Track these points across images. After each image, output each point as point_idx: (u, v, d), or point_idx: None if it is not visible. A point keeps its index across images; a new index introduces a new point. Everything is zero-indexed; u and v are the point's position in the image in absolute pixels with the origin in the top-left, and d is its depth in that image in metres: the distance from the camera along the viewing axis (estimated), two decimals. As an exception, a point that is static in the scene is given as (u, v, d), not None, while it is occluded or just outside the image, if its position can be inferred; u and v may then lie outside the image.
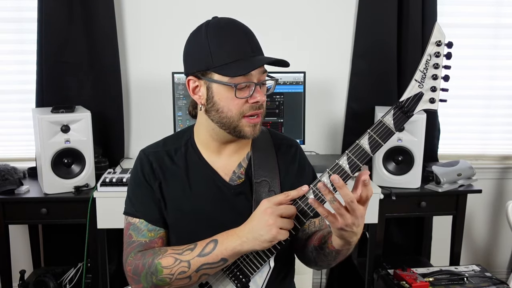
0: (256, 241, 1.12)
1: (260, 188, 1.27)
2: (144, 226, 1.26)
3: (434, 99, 1.14)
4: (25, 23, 2.58)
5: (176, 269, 1.17)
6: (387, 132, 1.13)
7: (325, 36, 2.69)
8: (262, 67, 1.18)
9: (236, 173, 1.30)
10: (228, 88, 1.16)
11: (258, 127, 1.22)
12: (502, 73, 2.87)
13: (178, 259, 1.17)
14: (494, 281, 2.29)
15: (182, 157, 1.30)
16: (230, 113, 1.19)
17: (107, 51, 2.54)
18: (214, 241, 1.17)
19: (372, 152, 1.13)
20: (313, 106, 2.65)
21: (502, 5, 2.80)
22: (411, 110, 1.14)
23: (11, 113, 2.71)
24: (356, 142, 1.14)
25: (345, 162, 1.14)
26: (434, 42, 1.13)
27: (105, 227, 2.21)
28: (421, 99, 1.13)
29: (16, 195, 2.27)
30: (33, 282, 2.37)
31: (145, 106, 2.69)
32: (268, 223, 1.11)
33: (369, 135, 1.13)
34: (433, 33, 1.12)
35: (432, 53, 1.13)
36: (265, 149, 1.33)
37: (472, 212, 2.93)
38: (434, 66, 1.13)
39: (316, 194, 1.15)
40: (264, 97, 1.20)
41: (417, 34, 2.60)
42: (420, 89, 1.14)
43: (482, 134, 2.97)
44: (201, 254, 1.16)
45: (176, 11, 2.60)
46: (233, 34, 1.18)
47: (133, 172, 1.32)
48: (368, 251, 2.44)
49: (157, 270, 1.18)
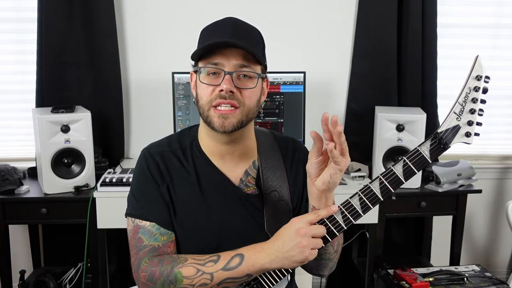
0: (286, 261, 1.10)
1: (270, 199, 1.26)
2: (156, 230, 1.21)
3: (470, 134, 1.17)
4: (25, 23, 2.57)
5: (197, 280, 1.13)
6: (422, 161, 1.14)
7: (325, 36, 2.69)
8: (240, 59, 1.15)
9: (243, 181, 1.27)
10: (200, 74, 1.18)
11: (229, 121, 1.16)
12: (502, 73, 2.87)
13: (201, 271, 1.13)
14: (494, 281, 2.29)
15: (190, 159, 1.26)
16: (202, 101, 1.19)
17: (107, 51, 2.53)
18: (240, 255, 1.13)
19: (404, 179, 1.13)
20: (313, 106, 2.65)
21: (502, 5, 2.80)
22: (448, 142, 1.16)
23: (11, 113, 2.70)
24: (390, 167, 1.14)
25: (377, 187, 1.13)
26: (475, 77, 1.13)
27: (105, 227, 2.21)
28: (458, 132, 1.16)
29: (16, 195, 2.27)
30: (33, 282, 2.37)
31: (145, 106, 2.69)
32: (302, 244, 1.08)
33: (404, 162, 1.14)
34: (474, 67, 1.13)
35: (472, 87, 1.13)
36: (272, 156, 1.31)
37: (472, 212, 2.93)
38: (472, 100, 1.14)
39: (344, 215, 1.13)
40: (229, 86, 1.14)
41: (417, 34, 2.59)
42: (458, 121, 1.16)
43: (482, 134, 2.93)
44: (226, 268, 1.12)
45: (176, 11, 2.60)
46: (218, 26, 1.19)
47: (139, 171, 1.26)
48: (368, 251, 2.44)
49: (176, 280, 1.14)
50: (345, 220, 1.13)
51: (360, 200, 1.13)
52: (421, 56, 2.63)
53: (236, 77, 1.16)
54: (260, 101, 1.24)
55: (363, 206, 1.13)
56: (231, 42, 1.14)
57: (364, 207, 1.13)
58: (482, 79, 1.13)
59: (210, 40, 1.15)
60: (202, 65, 1.18)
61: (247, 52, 1.15)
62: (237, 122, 1.17)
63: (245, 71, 1.17)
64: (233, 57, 1.15)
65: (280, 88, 2.44)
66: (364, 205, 1.13)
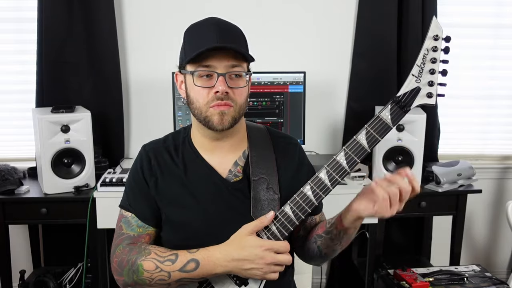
0: (244, 273, 1.16)
1: (258, 186, 1.28)
2: (134, 222, 1.30)
3: (432, 94, 1.13)
4: (25, 23, 2.57)
5: (156, 275, 1.19)
6: (384, 127, 1.14)
7: (325, 36, 2.69)
8: (231, 60, 1.19)
9: (232, 172, 1.30)
10: (194, 77, 1.21)
11: (226, 118, 1.21)
12: (502, 73, 2.87)
13: (159, 268, 1.18)
14: (494, 281, 2.29)
15: (180, 154, 1.31)
16: (198, 103, 1.22)
17: (107, 51, 2.54)
18: (195, 261, 1.16)
19: (369, 148, 1.14)
20: (313, 106, 2.65)
21: (502, 5, 2.80)
22: (408, 105, 1.14)
23: (11, 113, 2.71)
24: (353, 137, 1.14)
25: (343, 158, 1.14)
26: (432, 37, 1.12)
27: (105, 227, 2.21)
28: (418, 93, 1.13)
29: (16, 195, 2.27)
30: (33, 282, 2.37)
31: (145, 106, 2.69)
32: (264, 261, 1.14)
33: (366, 131, 1.14)
34: (431, 27, 1.11)
35: (429, 48, 1.12)
36: (263, 147, 1.34)
37: (472, 212, 2.93)
38: (431, 60, 1.12)
39: (314, 190, 1.16)
40: (224, 87, 1.18)
41: (417, 34, 2.60)
42: (418, 83, 1.13)
43: (482, 134, 2.97)
44: (182, 270, 1.17)
45: (176, 11, 2.60)
46: (203, 28, 1.22)
47: (133, 168, 1.35)
48: (368, 251, 2.44)
49: (138, 271, 1.20)
50: (315, 195, 1.16)
51: (327, 173, 1.15)
52: (421, 54, 2.63)
53: (228, 78, 1.20)
54: (248, 96, 1.29)
55: (331, 179, 1.15)
56: (224, 46, 1.17)
57: (332, 181, 1.15)
58: (440, 39, 1.11)
59: (198, 44, 1.18)
60: (193, 68, 1.21)
61: (236, 52, 1.19)
62: (232, 119, 1.22)
63: (236, 71, 1.21)
64: (224, 59, 1.19)
65: (288, 88, 2.44)
66: (332, 178, 1.15)
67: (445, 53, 1.12)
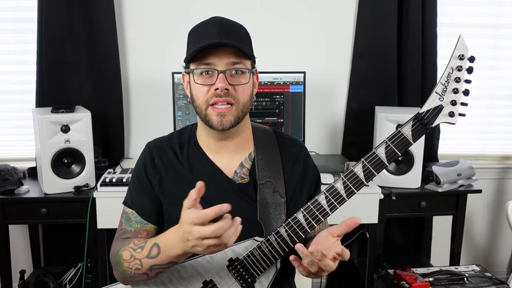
0: (192, 250, 1.08)
1: (264, 189, 1.27)
2: (134, 218, 1.30)
3: (454, 113, 1.14)
4: (25, 23, 2.57)
5: (132, 264, 1.19)
6: (405, 142, 1.14)
7: (325, 36, 2.69)
8: (231, 57, 1.19)
9: (238, 173, 1.30)
10: (194, 75, 1.21)
11: (227, 118, 1.20)
12: (502, 73, 2.87)
13: (133, 256, 1.19)
14: (494, 281, 2.29)
15: (185, 153, 1.31)
16: (198, 101, 1.22)
17: (107, 51, 2.54)
18: (157, 246, 1.15)
19: (388, 162, 1.14)
20: (313, 106, 2.65)
21: (502, 5, 2.80)
22: (430, 123, 1.14)
23: (11, 113, 2.71)
24: (372, 150, 1.14)
25: (360, 170, 1.14)
26: (457, 56, 1.12)
27: (105, 227, 2.21)
28: (440, 112, 1.14)
29: (16, 195, 2.27)
30: (33, 282, 2.37)
31: (145, 106, 2.69)
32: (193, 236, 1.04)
33: (386, 145, 1.14)
34: (457, 46, 1.12)
35: (454, 67, 1.13)
36: (269, 149, 1.33)
37: (472, 212, 2.93)
38: (455, 79, 1.13)
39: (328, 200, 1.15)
40: (223, 84, 1.17)
41: (417, 34, 2.60)
42: (441, 102, 1.14)
43: (482, 134, 2.96)
44: (149, 256, 1.16)
45: (176, 11, 2.60)
46: (205, 27, 1.22)
47: (137, 166, 1.35)
48: (368, 251, 2.44)
49: (119, 262, 1.22)
50: (330, 205, 1.15)
51: (344, 184, 1.14)
52: (421, 56, 2.63)
53: (229, 75, 1.20)
54: (253, 94, 1.29)
55: (347, 190, 1.14)
56: (222, 42, 1.17)
57: (348, 191, 1.14)
58: (465, 59, 1.12)
59: (200, 42, 1.18)
60: (195, 66, 1.21)
61: (236, 49, 1.19)
62: (234, 118, 1.22)
63: (237, 67, 1.20)
64: (224, 56, 1.19)
65: (289, 88, 2.44)
66: (348, 189, 1.14)
67: (469, 73, 1.13)
